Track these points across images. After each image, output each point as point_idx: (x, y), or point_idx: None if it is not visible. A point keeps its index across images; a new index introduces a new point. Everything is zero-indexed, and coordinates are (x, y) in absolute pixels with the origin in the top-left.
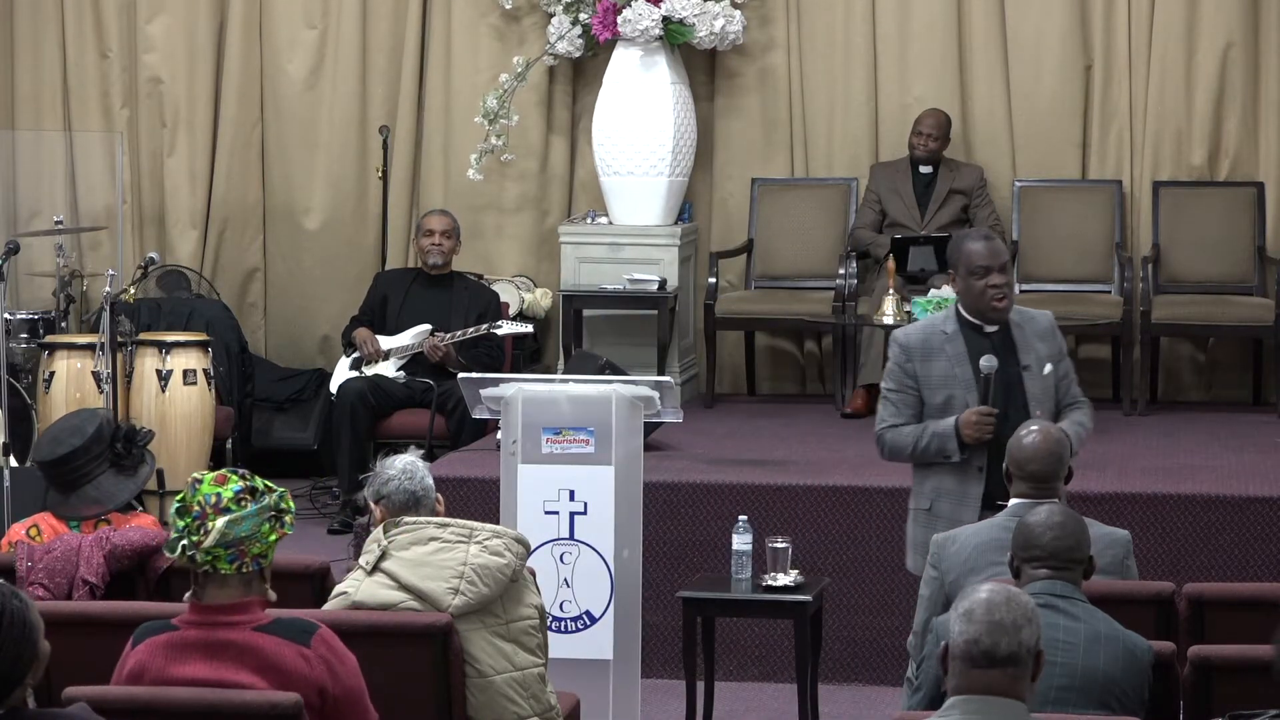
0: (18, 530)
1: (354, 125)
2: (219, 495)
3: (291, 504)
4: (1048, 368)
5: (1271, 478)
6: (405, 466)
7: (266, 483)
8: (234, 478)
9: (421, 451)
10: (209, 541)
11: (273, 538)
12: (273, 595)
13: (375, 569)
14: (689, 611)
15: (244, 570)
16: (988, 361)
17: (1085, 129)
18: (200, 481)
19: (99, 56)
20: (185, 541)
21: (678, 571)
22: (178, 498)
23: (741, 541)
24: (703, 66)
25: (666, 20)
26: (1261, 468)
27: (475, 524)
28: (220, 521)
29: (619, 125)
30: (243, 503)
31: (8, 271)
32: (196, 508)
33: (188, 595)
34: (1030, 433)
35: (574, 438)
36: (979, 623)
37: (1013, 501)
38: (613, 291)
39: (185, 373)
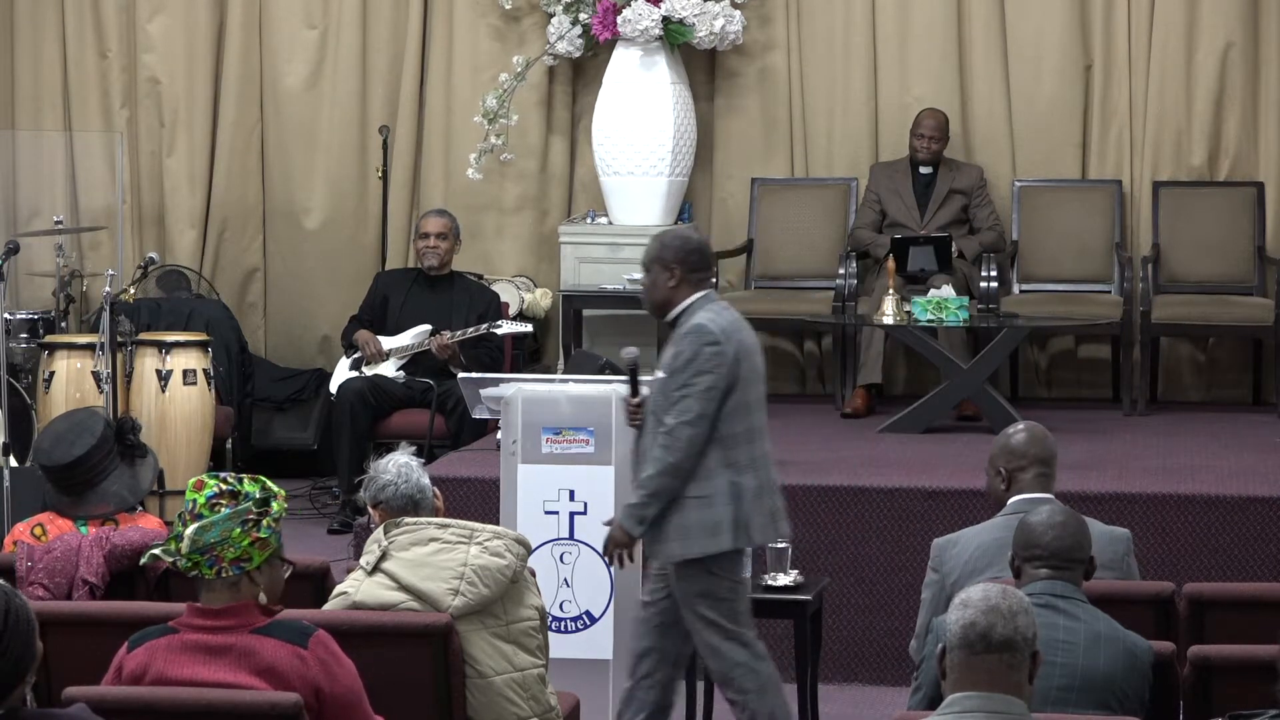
0: (22, 530)
1: (354, 125)
2: (194, 501)
3: (281, 506)
4: (658, 374)
5: (1271, 478)
6: (399, 469)
7: (265, 483)
8: (210, 483)
9: (414, 449)
10: (185, 548)
11: (245, 542)
12: (264, 598)
13: (375, 569)
14: None
15: (224, 575)
16: (627, 352)
17: (1085, 129)
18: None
19: (99, 56)
20: (169, 548)
21: None
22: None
23: None
24: (703, 66)
25: (666, 20)
26: (1261, 468)
27: (476, 525)
28: (190, 529)
29: (619, 125)
30: (216, 508)
31: (8, 271)
32: (181, 513)
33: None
34: (1017, 430)
35: (574, 438)
36: (975, 608)
37: (1012, 499)
38: (613, 291)
39: (185, 373)
